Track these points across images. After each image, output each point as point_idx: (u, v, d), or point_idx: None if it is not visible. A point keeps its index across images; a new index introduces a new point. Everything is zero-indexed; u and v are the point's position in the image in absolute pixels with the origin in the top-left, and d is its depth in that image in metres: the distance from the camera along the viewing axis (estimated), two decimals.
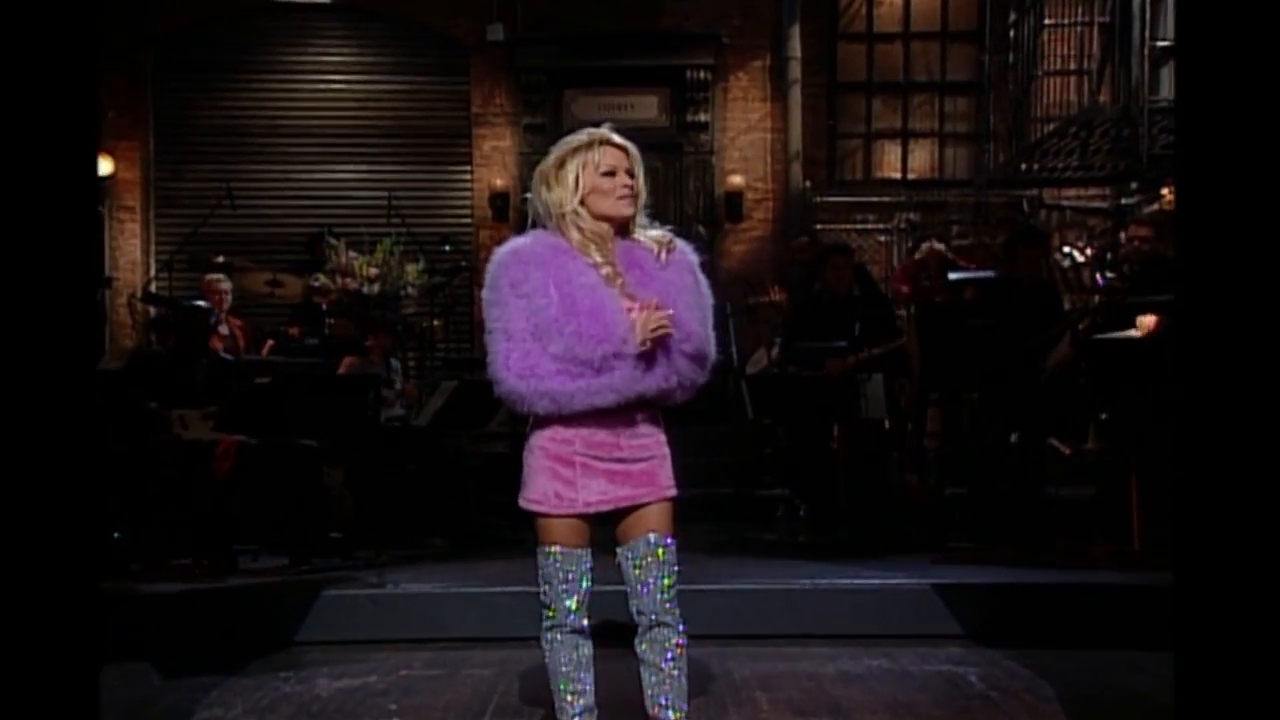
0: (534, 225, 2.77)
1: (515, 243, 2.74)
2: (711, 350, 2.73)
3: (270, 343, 7.30)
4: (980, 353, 6.00)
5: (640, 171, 2.73)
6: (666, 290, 2.69)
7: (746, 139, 10.14)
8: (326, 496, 6.11)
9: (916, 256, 8.09)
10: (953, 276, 7.80)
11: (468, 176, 10.09)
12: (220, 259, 8.12)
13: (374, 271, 7.85)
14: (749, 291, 8.56)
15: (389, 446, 6.39)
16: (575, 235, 2.71)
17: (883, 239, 9.94)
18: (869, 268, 8.66)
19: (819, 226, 9.87)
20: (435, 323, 8.67)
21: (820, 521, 6.51)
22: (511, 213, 9.87)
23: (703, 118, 10.04)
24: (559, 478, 2.74)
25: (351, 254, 7.95)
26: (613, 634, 3.15)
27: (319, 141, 10.10)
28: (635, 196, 2.72)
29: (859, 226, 9.97)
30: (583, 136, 2.76)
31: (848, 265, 6.72)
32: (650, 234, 2.78)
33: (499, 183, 9.93)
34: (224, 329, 7.13)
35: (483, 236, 9.95)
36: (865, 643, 4.68)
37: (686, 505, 2.80)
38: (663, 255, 2.73)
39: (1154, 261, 5.78)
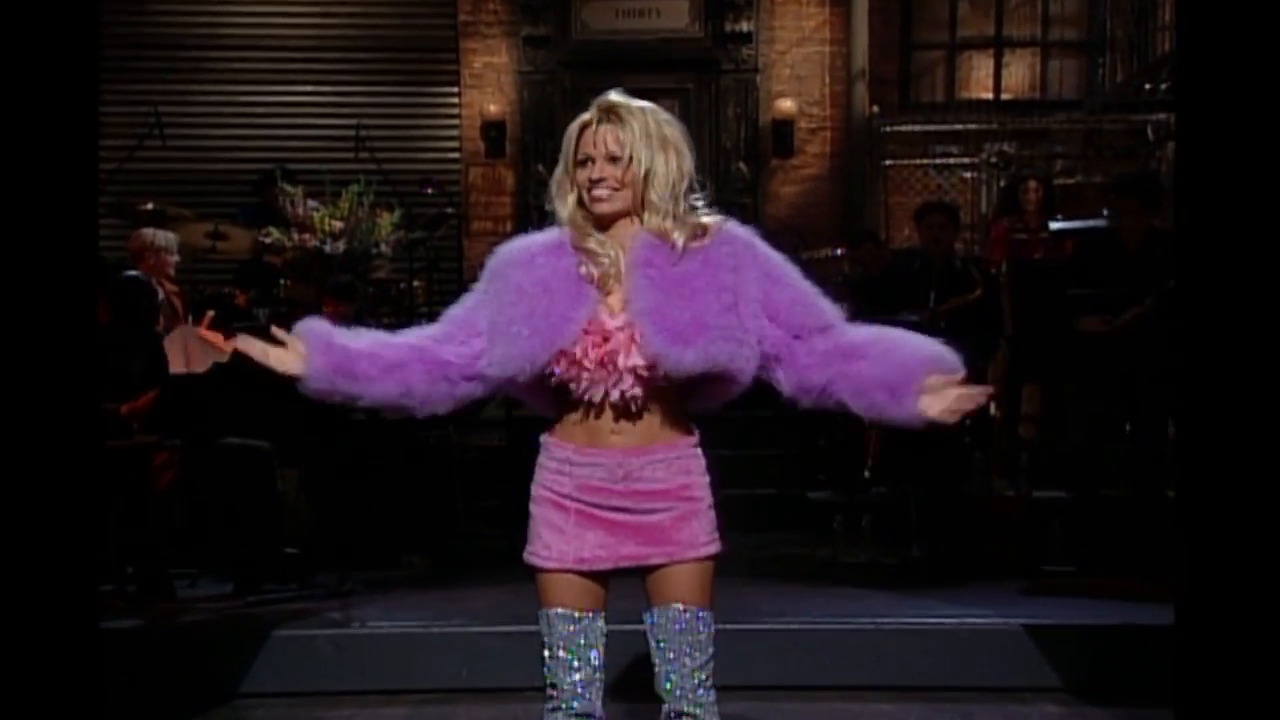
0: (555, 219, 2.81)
1: (516, 241, 2.77)
2: (735, 361, 2.63)
3: (211, 313, 7.28)
4: (1077, 332, 5.94)
5: (640, 151, 2.67)
6: (668, 288, 2.62)
7: (799, 53, 10.04)
8: (279, 506, 6.12)
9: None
10: (1054, 226, 7.73)
11: (454, 101, 10.04)
12: (149, 206, 8.10)
13: (338, 225, 7.81)
14: (800, 244, 8.51)
15: (355, 442, 6.39)
16: (569, 231, 2.73)
17: (968, 176, 9.84)
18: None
19: (888, 162, 9.79)
20: (415, 284, 8.64)
21: (887, 536, 6.48)
22: (508, 146, 9.82)
23: (745, 27, 9.95)
24: (551, 525, 2.75)
25: (311, 204, 7.90)
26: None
27: (269, 58, 10.06)
28: (620, 189, 2.68)
29: (938, 161, 9.88)
30: (583, 114, 2.77)
31: (946, 225, 6.66)
32: (688, 222, 2.70)
33: (493, 109, 9.87)
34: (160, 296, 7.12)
35: (473, 176, 9.92)
36: (940, 697, 4.67)
37: (721, 509, 2.79)
38: (679, 242, 2.66)
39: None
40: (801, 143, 10.03)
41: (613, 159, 2.68)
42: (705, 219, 2.71)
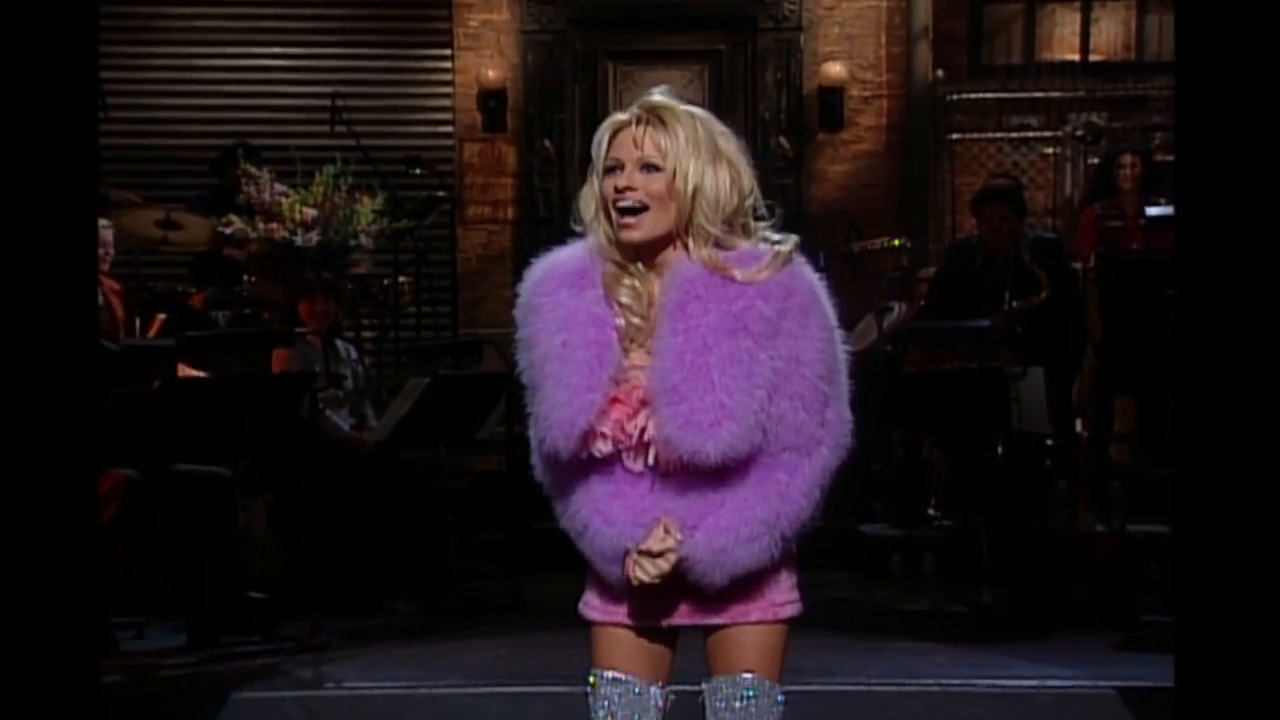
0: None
1: (537, 266, 2.77)
2: (807, 440, 2.66)
3: (161, 317, 7.31)
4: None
5: (687, 162, 2.64)
6: (690, 363, 2.61)
7: (850, 8, 10.00)
8: (241, 543, 6.12)
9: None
10: (1151, 212, 7.71)
11: (447, 66, 10.03)
12: None
13: (311, 213, 7.83)
14: (853, 232, 8.51)
15: (330, 468, 6.37)
16: (609, 267, 2.71)
17: (1050, 152, 9.77)
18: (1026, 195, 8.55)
19: (955, 136, 9.75)
20: (401, 281, 8.67)
21: (954, 579, 6.47)
22: (510, 118, 9.82)
23: None
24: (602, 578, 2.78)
25: (279, 187, 7.93)
26: None
27: (230, 14, 10.06)
28: (651, 208, 2.65)
29: (1015, 135, 9.82)
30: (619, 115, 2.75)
31: (1008, 216, 6.67)
32: (744, 259, 2.66)
33: (491, 75, 9.86)
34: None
35: (469, 154, 9.91)
36: None
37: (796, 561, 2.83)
38: (737, 277, 2.64)
39: None
40: (853, 114, 9.96)
41: (648, 167, 2.66)
42: (780, 246, 2.68)
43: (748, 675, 2.72)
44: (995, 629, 5.88)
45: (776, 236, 2.71)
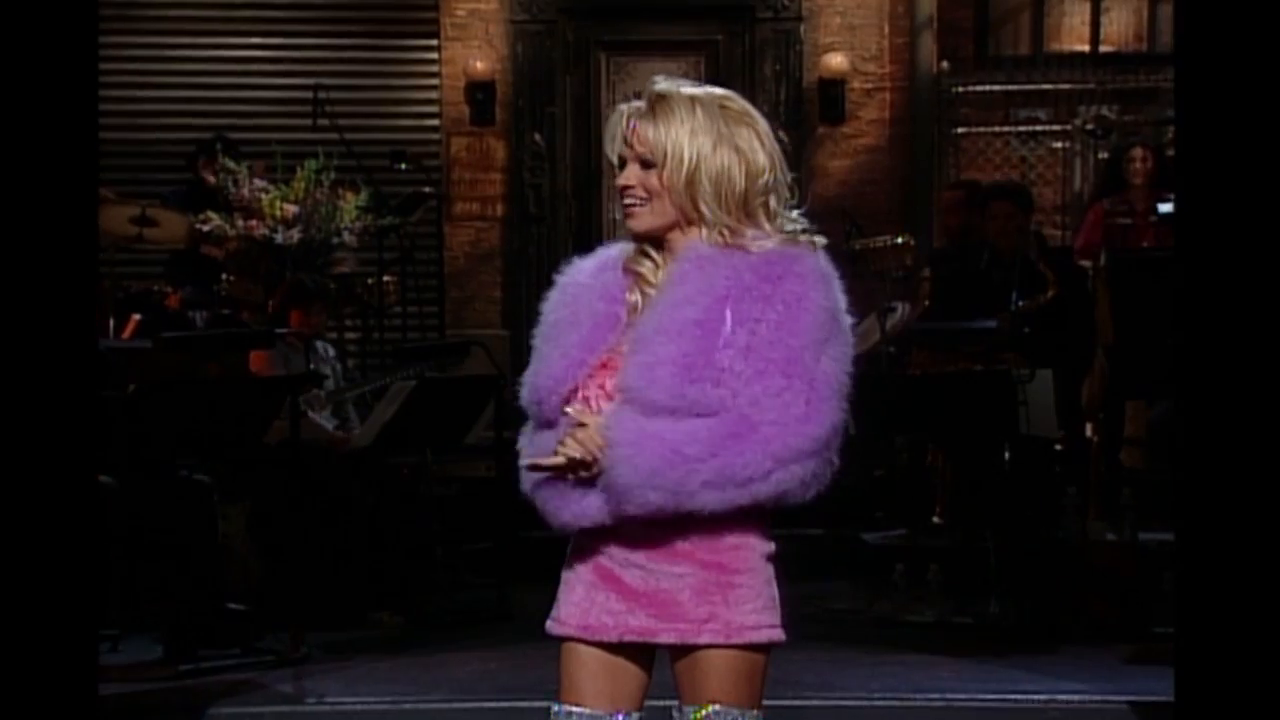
0: None
1: (573, 265, 2.85)
2: (780, 413, 2.60)
3: (136, 318, 7.31)
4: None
5: (680, 151, 2.65)
6: (664, 323, 2.65)
7: None
8: (219, 551, 6.11)
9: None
10: (1163, 209, 7.71)
11: (433, 56, 10.03)
12: None
13: (292, 209, 7.83)
14: (853, 229, 8.51)
15: (312, 473, 6.36)
16: (638, 261, 2.78)
17: (1059, 147, 9.79)
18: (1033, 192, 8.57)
19: (960, 130, 9.74)
20: (386, 280, 8.67)
21: (959, 589, 6.46)
22: (499, 111, 9.81)
23: None
24: (577, 581, 2.77)
25: (258, 182, 7.93)
26: None
27: (208, 3, 10.06)
28: (650, 200, 2.68)
29: (1022, 128, 9.84)
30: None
31: (1014, 214, 6.66)
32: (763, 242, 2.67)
33: (479, 66, 9.86)
34: None
35: (456, 148, 9.90)
36: None
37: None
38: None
39: None
40: (854, 107, 9.98)
41: (643, 163, 2.68)
42: (803, 235, 2.69)
43: (714, 706, 2.66)
44: (1002, 641, 5.89)
45: (801, 225, 2.71)
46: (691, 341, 2.60)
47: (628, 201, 2.70)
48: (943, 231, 8.62)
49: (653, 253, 2.74)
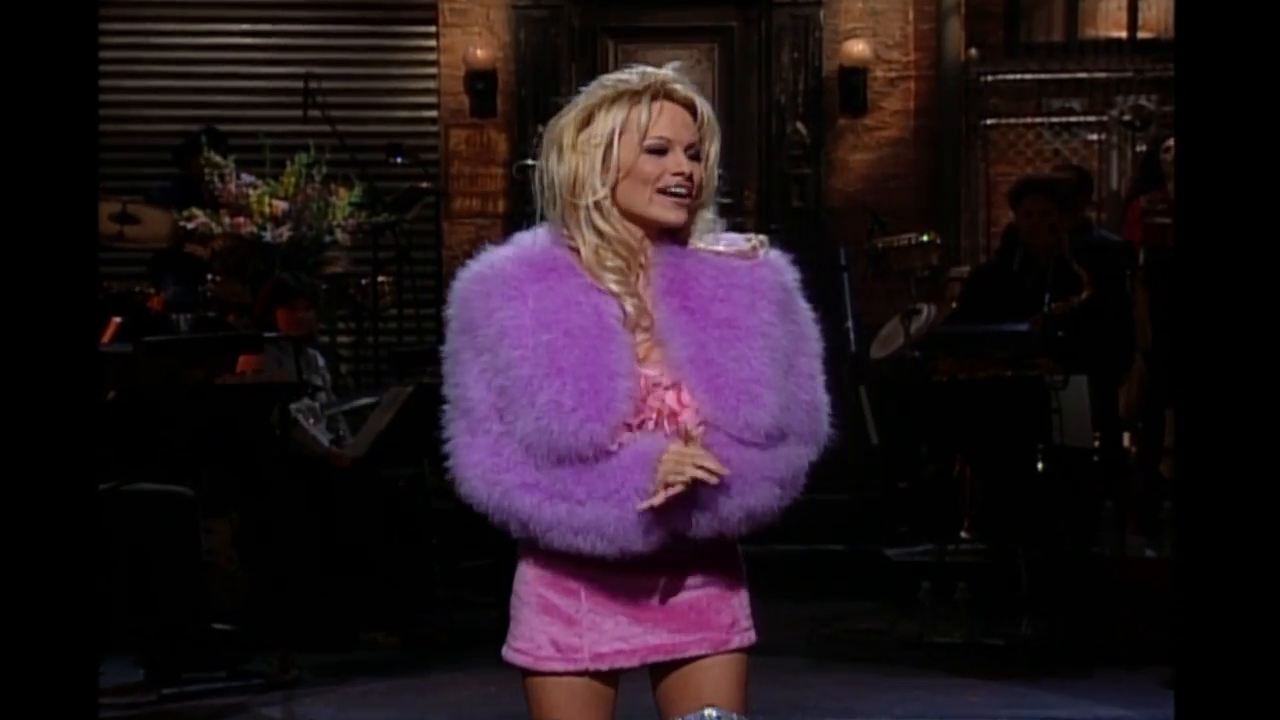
0: (539, 219, 2.76)
1: (487, 259, 2.74)
2: (815, 426, 2.71)
3: (116, 320, 7.31)
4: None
5: (714, 148, 2.72)
6: (718, 338, 2.64)
7: None
8: (203, 569, 6.12)
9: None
10: None
11: (431, 44, 10.08)
12: None
13: (282, 206, 7.84)
14: (876, 226, 8.52)
15: (302, 487, 6.39)
16: (589, 242, 2.68)
17: (1094, 139, 9.81)
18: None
19: (990, 121, 9.75)
20: (381, 280, 8.69)
21: (989, 608, 6.47)
22: (500, 102, 9.84)
23: None
24: (555, 613, 2.75)
25: (246, 178, 7.94)
26: None
27: None
28: (695, 195, 2.68)
29: (1055, 120, 9.86)
30: (632, 78, 2.75)
31: (1049, 210, 6.65)
32: (721, 242, 2.74)
33: (480, 54, 9.89)
34: None
35: (455, 141, 9.94)
36: None
37: (772, 569, 2.98)
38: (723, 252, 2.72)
39: None
40: (877, 97, 10.00)
41: (693, 154, 2.70)
42: (750, 239, 2.75)
43: (711, 710, 2.71)
44: (1035, 663, 5.90)
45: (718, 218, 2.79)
46: (758, 360, 2.64)
47: (679, 191, 2.66)
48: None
49: (620, 250, 2.67)
